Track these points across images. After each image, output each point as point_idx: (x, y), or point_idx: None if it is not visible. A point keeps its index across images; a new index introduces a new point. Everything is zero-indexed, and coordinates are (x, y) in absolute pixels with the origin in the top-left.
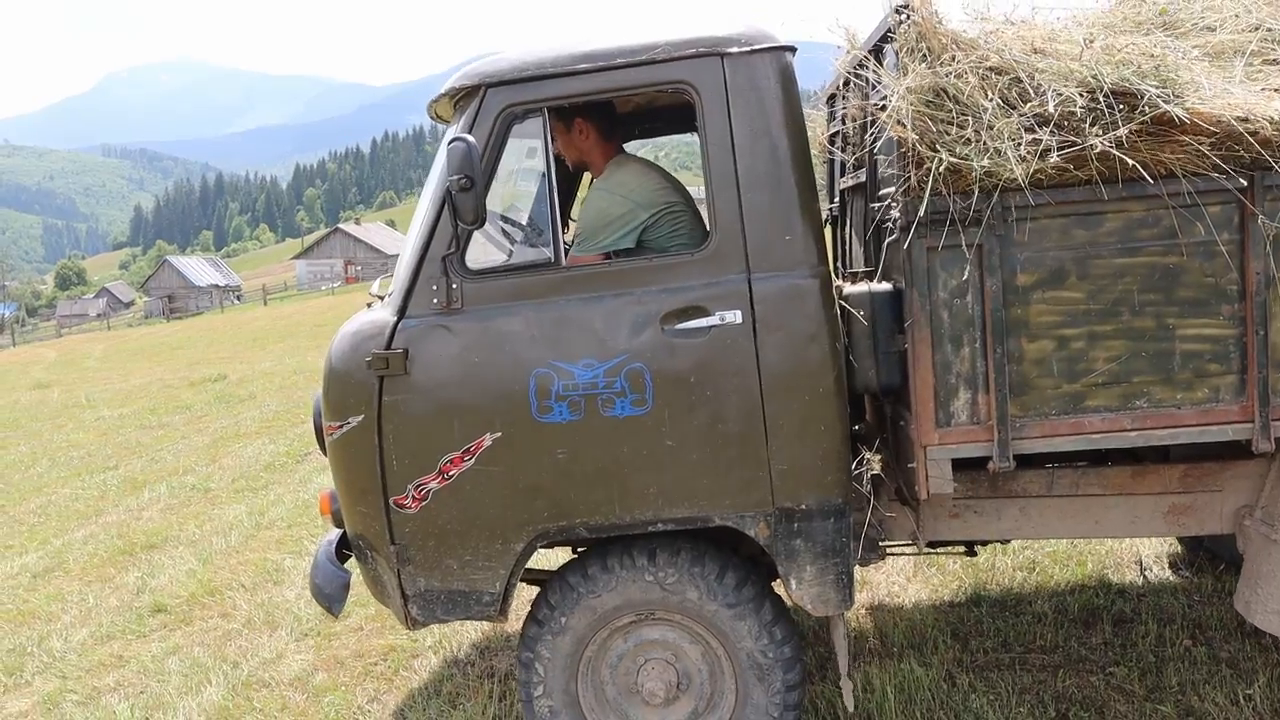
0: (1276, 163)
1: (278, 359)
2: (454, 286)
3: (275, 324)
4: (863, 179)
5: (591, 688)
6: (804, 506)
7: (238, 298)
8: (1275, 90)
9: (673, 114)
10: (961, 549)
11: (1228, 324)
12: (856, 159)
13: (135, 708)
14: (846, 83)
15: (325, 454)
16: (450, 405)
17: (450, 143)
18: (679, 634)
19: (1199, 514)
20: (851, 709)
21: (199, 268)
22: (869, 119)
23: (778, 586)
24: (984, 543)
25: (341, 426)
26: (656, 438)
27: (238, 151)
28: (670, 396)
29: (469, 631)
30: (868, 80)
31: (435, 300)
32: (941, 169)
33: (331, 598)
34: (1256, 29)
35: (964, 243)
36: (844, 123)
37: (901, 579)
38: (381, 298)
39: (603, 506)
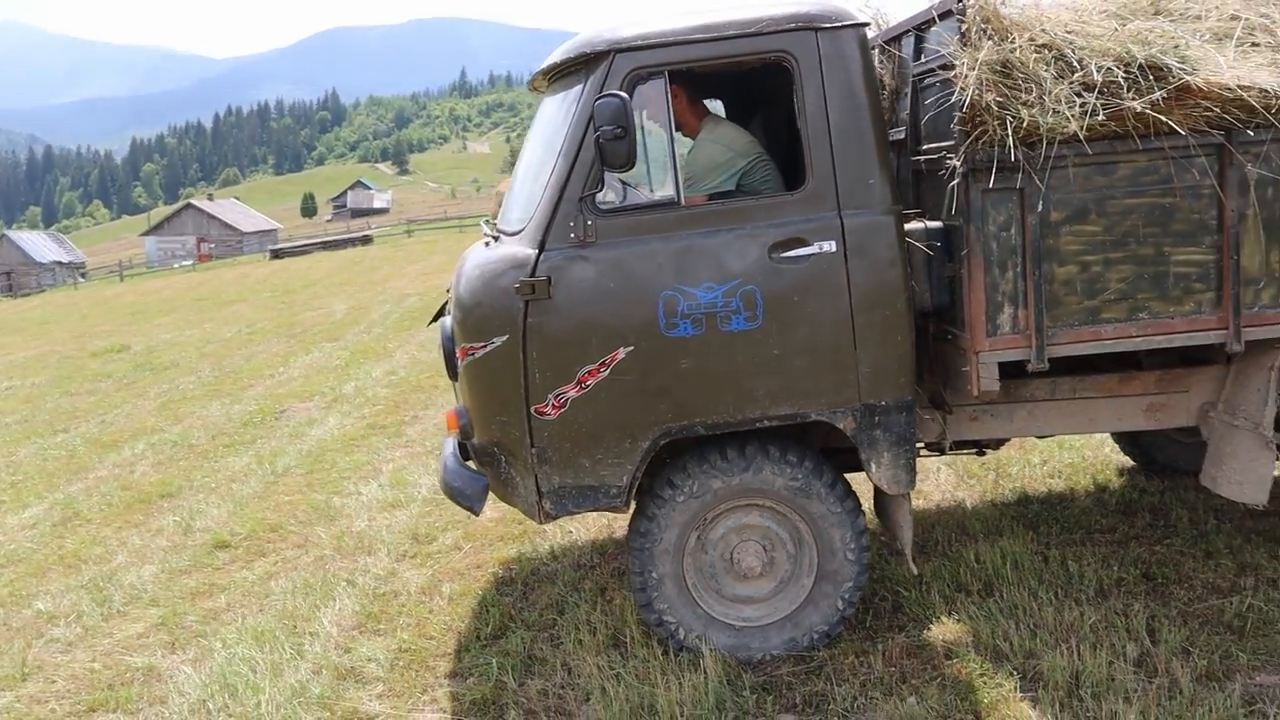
0: (1262, 122)
1: (177, 330)
2: (589, 223)
3: (146, 299)
4: (896, 136)
5: (695, 566)
6: (883, 402)
7: (82, 275)
8: (1261, 66)
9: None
10: (974, 451)
11: (1209, 251)
12: (890, 120)
13: (271, 620)
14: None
15: (453, 378)
16: (588, 324)
17: (600, 99)
18: (772, 518)
19: (1172, 410)
20: (915, 573)
21: (40, 243)
22: (911, 87)
23: None
24: (993, 446)
25: (485, 346)
26: (766, 348)
27: (67, 123)
28: (777, 313)
29: (581, 543)
30: (901, 54)
31: (572, 235)
32: (1021, 126)
33: (473, 497)
34: (1235, 19)
35: (1014, 185)
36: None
37: (950, 488)
38: (496, 237)
39: (719, 407)
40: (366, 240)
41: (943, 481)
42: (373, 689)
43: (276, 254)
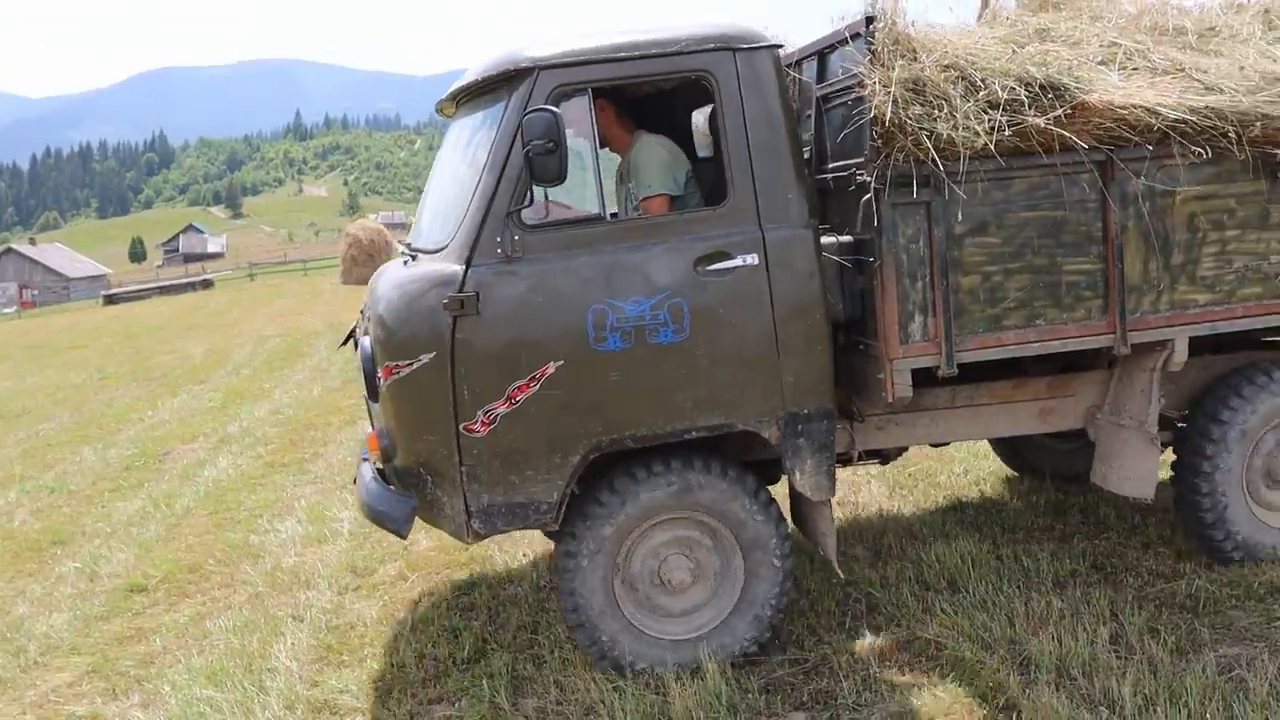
0: (1139, 138)
1: (16, 378)
2: (516, 239)
3: None
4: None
5: (623, 580)
6: (806, 411)
7: None
8: (1143, 87)
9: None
10: (876, 461)
11: (1097, 261)
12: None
13: (221, 659)
14: None
15: (373, 399)
16: (517, 339)
17: (531, 114)
18: (699, 530)
19: (1061, 413)
20: (843, 577)
21: None
22: (815, 108)
23: None
24: (894, 455)
25: (411, 365)
26: (693, 359)
27: None
28: (704, 325)
29: (534, 565)
30: (800, 79)
31: (500, 250)
32: (940, 140)
33: (400, 520)
34: (1112, 45)
35: (922, 199)
36: None
37: (882, 498)
38: (414, 256)
39: (648, 419)
40: (207, 284)
41: (875, 493)
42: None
43: (110, 299)
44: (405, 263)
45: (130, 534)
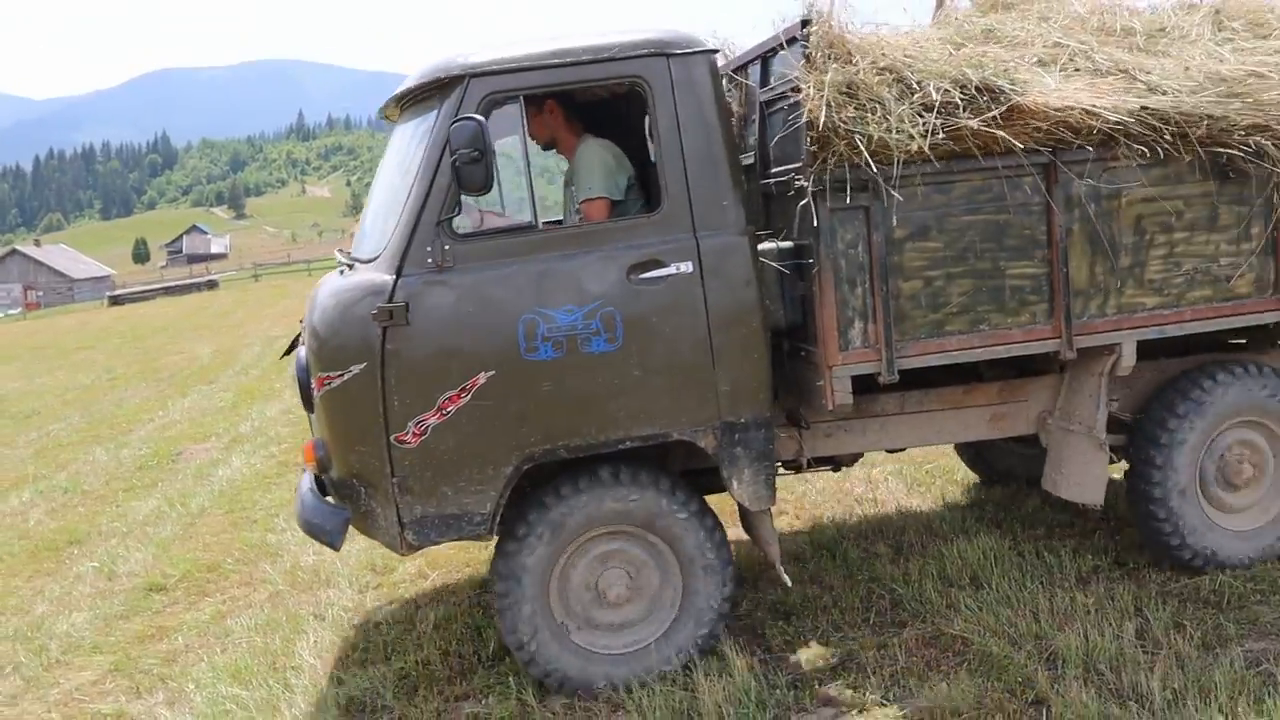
0: (1075, 141)
1: (25, 379)
2: (446, 248)
3: None
4: (745, 161)
5: (559, 593)
6: (743, 420)
7: None
8: (1082, 89)
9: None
10: (829, 468)
11: (1041, 265)
12: (740, 145)
13: (244, 657)
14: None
15: (309, 410)
16: (448, 349)
17: (456, 122)
18: (635, 544)
19: (1012, 419)
20: (789, 585)
21: None
22: (758, 112)
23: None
24: (848, 461)
25: (342, 375)
26: (626, 369)
27: None
28: (637, 334)
29: None
30: (747, 81)
31: (430, 260)
32: (872, 143)
33: (332, 532)
34: (1057, 45)
35: (860, 204)
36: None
37: (900, 495)
38: (350, 265)
39: (581, 429)
40: (212, 285)
41: (893, 489)
42: (380, 717)
43: (116, 300)
44: (341, 272)
45: (147, 533)
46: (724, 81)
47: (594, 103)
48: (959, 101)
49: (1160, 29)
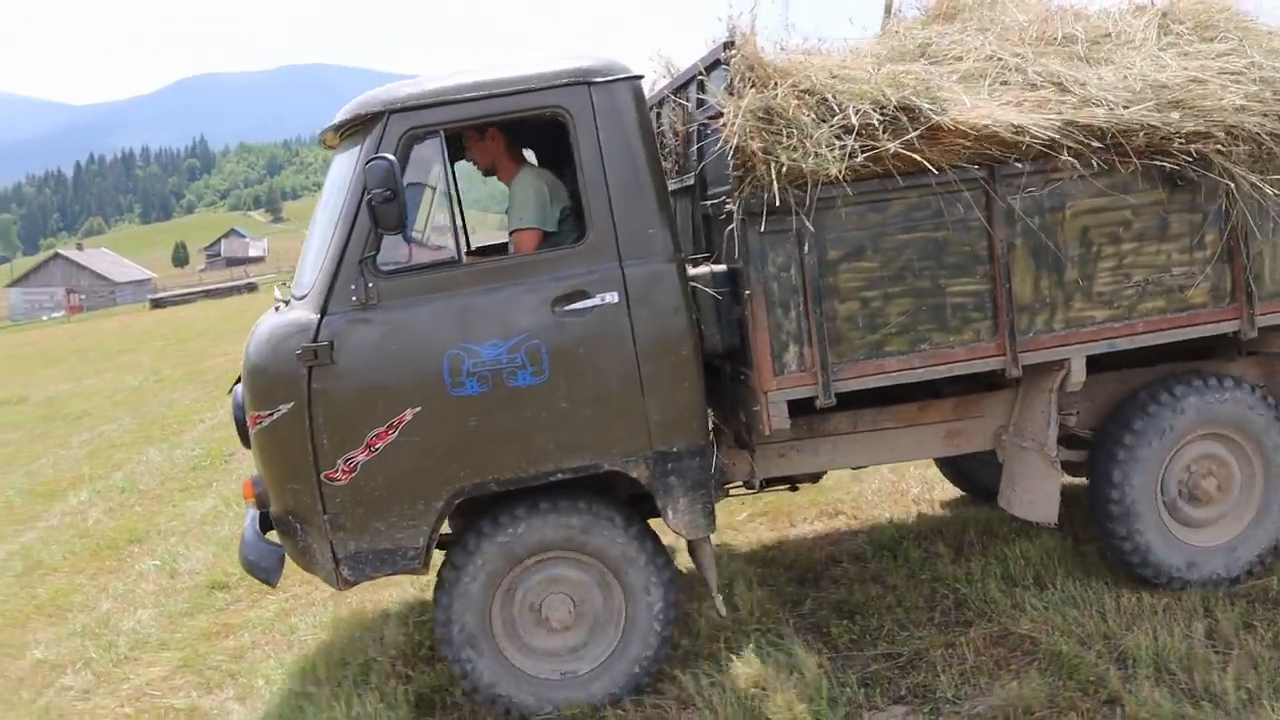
0: (1010, 156)
1: (73, 381)
2: (370, 285)
3: (21, 351)
4: (687, 183)
5: (501, 620)
6: (675, 449)
7: None
8: (1008, 104)
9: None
10: (788, 487)
11: (983, 281)
12: (680, 166)
13: (311, 654)
14: (661, 102)
15: (247, 446)
16: (373, 387)
17: (370, 162)
18: (578, 570)
19: (969, 435)
20: (725, 614)
21: None
22: (695, 134)
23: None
24: (807, 480)
25: (271, 414)
26: (554, 401)
27: None
28: (563, 366)
29: None
30: (687, 102)
31: (354, 298)
32: (783, 170)
33: (269, 570)
34: (991, 59)
35: (789, 227)
36: (665, 137)
37: (955, 495)
38: (286, 301)
39: (511, 463)
40: (252, 288)
41: (949, 491)
42: (451, 714)
43: (157, 303)
44: (277, 309)
45: (205, 532)
46: (670, 101)
47: (541, 130)
48: (878, 123)
49: (1105, 35)
